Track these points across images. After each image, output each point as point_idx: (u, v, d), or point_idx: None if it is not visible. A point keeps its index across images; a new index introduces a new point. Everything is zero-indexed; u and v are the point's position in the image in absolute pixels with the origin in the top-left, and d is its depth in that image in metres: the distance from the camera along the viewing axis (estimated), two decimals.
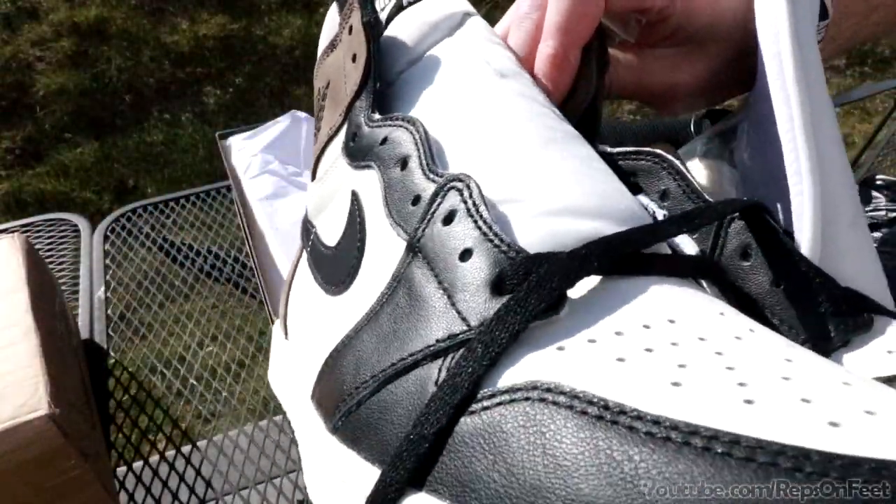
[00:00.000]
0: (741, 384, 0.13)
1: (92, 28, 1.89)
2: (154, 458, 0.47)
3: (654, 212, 0.23)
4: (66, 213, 0.71)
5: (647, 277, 0.17)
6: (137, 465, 0.47)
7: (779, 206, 0.21)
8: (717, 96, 0.29)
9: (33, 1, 1.92)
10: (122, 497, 0.44)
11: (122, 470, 0.46)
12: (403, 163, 0.21)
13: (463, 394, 0.15)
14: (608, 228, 0.18)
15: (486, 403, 0.15)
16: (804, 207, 0.20)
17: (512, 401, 0.14)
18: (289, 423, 0.48)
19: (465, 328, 0.16)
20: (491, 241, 0.17)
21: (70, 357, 0.43)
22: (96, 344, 0.55)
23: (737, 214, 0.21)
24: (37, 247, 0.56)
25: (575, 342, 0.15)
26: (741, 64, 0.26)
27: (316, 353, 0.22)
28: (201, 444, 0.48)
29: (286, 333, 0.27)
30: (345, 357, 0.20)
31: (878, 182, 1.10)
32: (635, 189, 0.24)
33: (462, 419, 0.15)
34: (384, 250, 0.20)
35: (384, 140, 0.22)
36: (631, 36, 0.29)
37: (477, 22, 0.26)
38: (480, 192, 0.18)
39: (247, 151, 0.55)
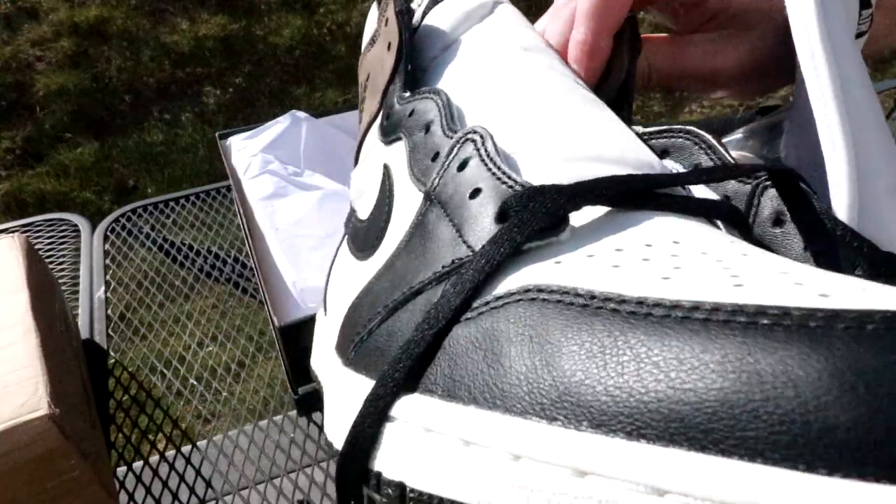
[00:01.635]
0: (734, 276, 0.13)
1: (92, 28, 1.89)
2: (154, 458, 0.47)
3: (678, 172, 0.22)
4: (66, 213, 0.71)
5: (657, 211, 0.17)
6: (137, 465, 0.47)
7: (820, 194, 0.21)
8: (763, 83, 0.28)
9: (33, 1, 1.92)
10: (122, 497, 0.44)
11: (122, 470, 0.46)
12: (427, 128, 0.22)
13: (458, 302, 0.15)
14: (624, 173, 0.18)
15: (481, 310, 0.15)
16: (839, 175, 0.19)
17: (505, 304, 0.15)
18: (290, 421, 0.48)
19: (469, 253, 0.17)
20: (499, 179, 0.18)
21: (70, 357, 0.43)
22: (96, 344, 0.55)
23: (768, 182, 0.21)
24: (37, 247, 0.56)
25: (573, 256, 0.15)
26: (786, 47, 0.25)
27: (342, 311, 0.23)
28: (201, 444, 0.48)
29: (325, 311, 0.28)
30: (362, 300, 0.21)
31: None
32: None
33: (457, 327, 0.15)
34: (407, 206, 0.21)
35: (412, 112, 0.23)
36: (670, 22, 0.29)
37: (506, 8, 0.27)
38: (493, 141, 0.19)
39: (247, 151, 0.55)
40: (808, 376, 0.10)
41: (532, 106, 0.21)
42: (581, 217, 0.17)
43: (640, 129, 0.25)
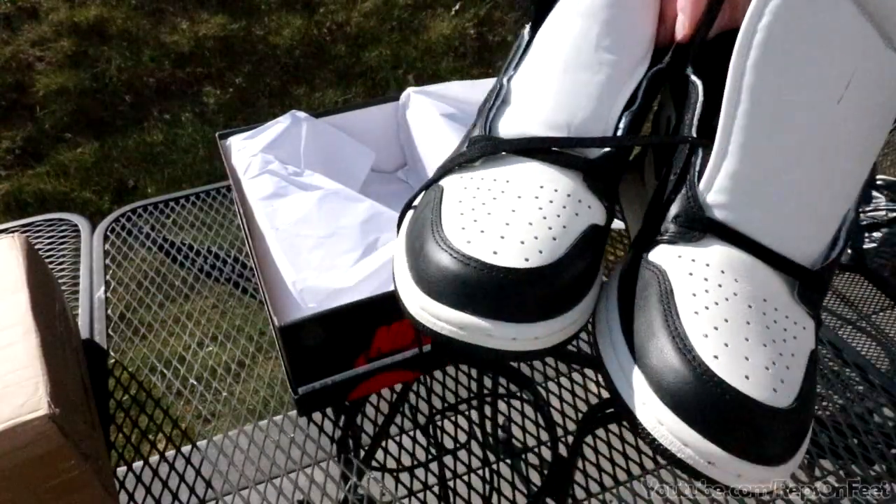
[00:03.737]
0: (475, 220, 0.28)
1: (92, 28, 1.89)
2: (154, 458, 0.47)
3: (620, 127, 0.31)
4: (66, 213, 0.71)
5: (536, 161, 0.30)
6: (137, 465, 0.47)
7: None
8: None
9: (33, 1, 1.92)
10: (122, 497, 0.44)
11: (122, 470, 0.46)
12: (507, 56, 0.37)
13: (432, 179, 0.32)
14: (545, 133, 0.31)
15: (431, 186, 0.32)
16: (718, 149, 0.27)
17: (433, 187, 0.32)
18: (290, 421, 0.48)
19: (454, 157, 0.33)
20: (481, 123, 0.33)
21: (70, 357, 0.43)
22: (96, 344, 0.55)
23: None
24: (37, 247, 0.56)
25: (464, 175, 0.31)
26: None
27: None
28: (201, 444, 0.48)
29: None
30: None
31: (878, 182, 1.10)
32: (684, 103, 0.32)
33: (425, 190, 0.33)
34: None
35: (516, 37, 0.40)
36: None
37: None
38: (498, 97, 0.33)
39: (247, 151, 0.55)
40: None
41: (543, 67, 0.32)
42: (500, 155, 0.31)
43: (692, 76, 0.32)
